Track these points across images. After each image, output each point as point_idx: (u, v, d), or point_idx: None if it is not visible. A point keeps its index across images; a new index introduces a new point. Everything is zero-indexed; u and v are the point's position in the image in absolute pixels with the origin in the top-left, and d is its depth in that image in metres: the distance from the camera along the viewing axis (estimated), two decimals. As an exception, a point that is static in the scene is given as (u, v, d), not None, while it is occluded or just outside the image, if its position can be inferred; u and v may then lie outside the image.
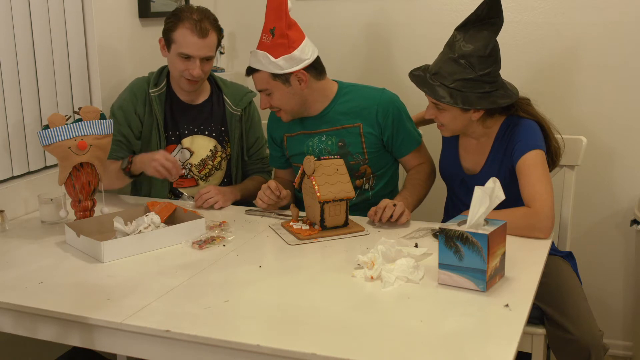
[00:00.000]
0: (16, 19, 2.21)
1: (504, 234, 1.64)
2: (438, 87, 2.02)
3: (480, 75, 1.99)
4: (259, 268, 1.76)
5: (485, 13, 2.01)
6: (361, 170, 2.32)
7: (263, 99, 2.29)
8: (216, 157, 2.49)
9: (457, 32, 2.05)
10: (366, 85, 2.38)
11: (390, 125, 2.28)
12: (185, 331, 1.42)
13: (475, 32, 2.01)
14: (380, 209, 2.06)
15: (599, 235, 2.82)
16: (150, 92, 2.41)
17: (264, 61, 2.20)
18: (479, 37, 2.00)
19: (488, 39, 2.00)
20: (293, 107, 2.28)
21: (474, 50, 1.99)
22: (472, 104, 2.00)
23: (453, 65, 2.01)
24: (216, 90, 2.53)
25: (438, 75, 2.03)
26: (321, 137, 2.32)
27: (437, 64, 2.06)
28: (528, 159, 2.00)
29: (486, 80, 2.00)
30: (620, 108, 2.70)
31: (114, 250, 1.82)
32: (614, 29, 2.65)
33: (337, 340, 1.37)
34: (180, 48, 2.29)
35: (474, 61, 1.99)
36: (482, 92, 2.00)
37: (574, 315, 1.96)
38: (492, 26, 2.02)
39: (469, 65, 1.99)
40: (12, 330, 1.63)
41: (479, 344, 1.36)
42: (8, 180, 2.25)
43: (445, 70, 2.02)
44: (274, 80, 2.22)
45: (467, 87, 1.99)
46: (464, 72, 1.99)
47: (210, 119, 2.48)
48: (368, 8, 2.98)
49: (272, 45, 2.19)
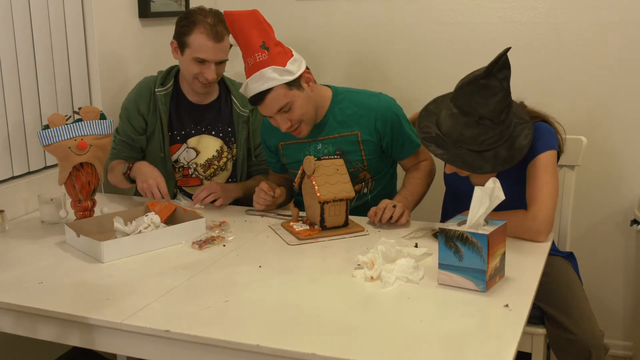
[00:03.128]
0: (16, 19, 2.21)
1: (504, 234, 1.64)
2: (471, 158, 1.92)
3: (501, 122, 1.89)
4: (259, 268, 1.76)
5: (493, 68, 1.87)
6: (360, 176, 2.30)
7: (282, 119, 2.14)
8: (222, 158, 2.49)
9: (466, 87, 1.89)
10: (361, 90, 2.32)
11: (390, 131, 2.24)
12: (185, 331, 1.42)
13: (486, 84, 1.87)
14: (380, 210, 2.05)
15: (599, 235, 2.82)
16: (155, 91, 2.41)
17: (275, 75, 2.06)
18: (492, 90, 1.86)
19: (502, 88, 1.87)
20: (312, 114, 2.18)
21: (495, 105, 1.86)
22: (514, 161, 1.92)
23: (475, 127, 1.89)
24: (225, 91, 2.52)
25: (462, 142, 1.92)
26: (317, 145, 2.27)
27: (456, 129, 1.92)
28: (540, 160, 1.97)
29: (506, 123, 1.91)
30: (620, 108, 2.70)
31: (114, 250, 1.82)
32: (614, 29, 2.65)
33: (337, 340, 1.37)
34: (196, 53, 2.29)
35: (495, 116, 1.88)
36: (509, 142, 1.92)
37: (575, 315, 1.96)
38: (503, 77, 1.88)
39: (491, 122, 1.88)
40: (12, 330, 1.63)
41: (479, 344, 1.36)
42: (8, 180, 2.25)
43: (468, 134, 1.90)
44: (290, 91, 2.10)
45: (493, 143, 1.90)
46: (490, 130, 1.89)
47: (218, 119, 2.49)
48: (368, 8, 2.98)
49: (273, 56, 2.08)
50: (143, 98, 2.43)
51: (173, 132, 2.45)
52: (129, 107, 2.44)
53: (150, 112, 2.42)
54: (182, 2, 2.93)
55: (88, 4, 2.48)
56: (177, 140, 2.45)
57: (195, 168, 2.47)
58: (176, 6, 2.87)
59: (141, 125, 2.43)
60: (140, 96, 2.43)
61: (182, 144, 2.46)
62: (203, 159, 2.47)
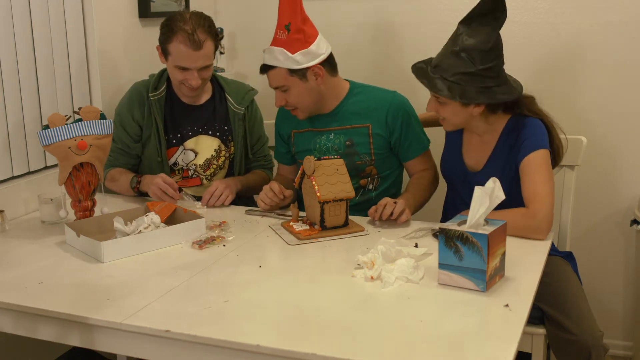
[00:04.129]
0: (16, 19, 2.21)
1: (504, 234, 1.64)
2: (437, 80, 2.01)
3: (481, 69, 1.97)
4: (259, 268, 1.76)
5: (489, 8, 1.99)
6: (367, 170, 2.32)
7: (279, 96, 2.27)
8: (220, 157, 2.49)
9: (460, 26, 2.03)
10: (377, 87, 2.39)
11: (399, 127, 2.28)
12: (185, 331, 1.42)
13: (478, 26, 2.00)
14: (381, 206, 2.06)
15: (599, 235, 2.82)
16: (150, 96, 2.40)
17: (280, 57, 2.19)
18: (481, 31, 1.99)
19: (490, 33, 1.99)
20: (309, 104, 2.27)
21: (476, 44, 1.97)
22: (471, 98, 1.99)
23: (454, 58, 1.99)
24: (218, 89, 2.52)
25: (439, 68, 2.02)
26: (329, 135, 2.32)
27: (438, 57, 2.05)
28: (533, 159, 1.99)
29: (487, 75, 1.98)
30: (620, 108, 2.70)
31: (114, 250, 1.82)
32: (613, 28, 2.65)
33: (337, 340, 1.37)
34: (176, 61, 2.29)
35: (475, 55, 1.97)
36: (482, 87, 1.98)
37: (575, 315, 1.96)
38: (495, 21, 2.00)
39: (469, 59, 1.97)
40: (12, 330, 1.63)
41: (479, 344, 1.36)
42: (8, 180, 2.25)
43: (446, 63, 2.01)
44: (291, 77, 2.21)
45: (466, 81, 1.98)
46: (465, 65, 1.98)
47: (214, 118, 2.48)
48: (369, 8, 2.98)
49: (289, 40, 2.18)
50: (136, 104, 2.41)
51: (169, 136, 2.44)
52: (122, 114, 2.42)
53: (145, 117, 2.40)
54: (182, 2, 2.93)
55: (88, 4, 2.48)
56: (174, 143, 2.44)
57: (194, 169, 2.47)
58: (176, 6, 2.87)
59: (136, 132, 2.42)
60: (133, 102, 2.41)
61: (179, 146, 2.45)
62: (202, 160, 2.47)
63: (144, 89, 2.43)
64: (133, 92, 2.45)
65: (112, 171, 2.43)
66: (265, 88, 2.43)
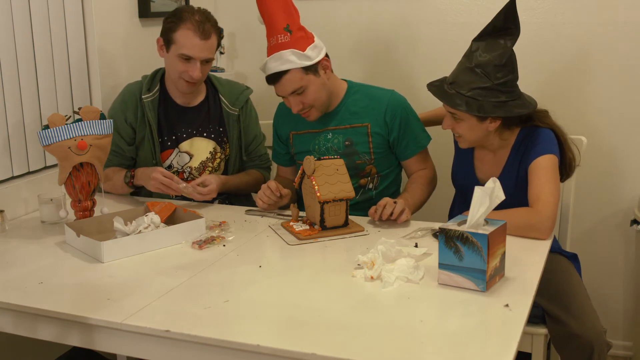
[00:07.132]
0: (16, 19, 2.21)
1: (504, 234, 1.64)
2: (454, 96, 2.02)
3: (497, 84, 1.98)
4: (259, 268, 1.76)
5: (501, 23, 2.02)
6: (367, 170, 2.32)
7: (295, 101, 2.24)
8: (216, 159, 2.48)
9: (474, 43, 2.05)
10: (375, 86, 2.39)
11: (398, 126, 2.28)
12: (185, 331, 1.42)
13: (491, 41, 2.02)
14: (381, 206, 2.06)
15: (599, 235, 2.82)
16: (143, 98, 2.38)
17: (293, 58, 2.17)
18: (495, 46, 2.01)
19: (504, 48, 2.01)
20: (325, 100, 2.27)
21: (490, 59, 1.99)
22: (487, 112, 1.99)
23: (470, 74, 2.01)
24: (212, 90, 2.50)
25: (455, 85, 2.04)
26: (327, 135, 2.32)
27: (454, 74, 2.07)
28: (540, 162, 2.01)
29: (502, 89, 2.00)
30: (620, 108, 2.70)
31: (114, 250, 1.82)
32: (614, 29, 2.65)
33: (337, 340, 1.37)
34: (182, 49, 2.27)
35: (490, 70, 1.99)
36: (498, 101, 1.99)
37: (577, 311, 1.96)
38: (509, 35, 2.02)
39: (485, 74, 1.99)
40: (12, 330, 1.63)
41: (479, 344, 1.36)
42: (8, 180, 2.25)
43: (462, 79, 2.02)
44: (306, 75, 2.20)
45: (483, 96, 1.99)
46: (481, 81, 1.99)
47: (208, 120, 2.47)
48: (368, 9, 2.98)
49: (294, 40, 2.18)
50: (129, 107, 2.39)
51: (163, 138, 2.42)
52: (115, 117, 2.40)
53: (139, 120, 2.38)
54: (182, 2, 2.93)
55: (88, 3, 2.48)
56: (169, 145, 2.43)
57: (190, 172, 2.45)
58: (176, 6, 2.87)
59: (129, 134, 2.40)
60: (126, 105, 2.40)
61: (173, 149, 2.43)
62: (197, 162, 2.45)
63: (136, 90, 2.41)
64: (126, 93, 2.43)
65: (107, 170, 2.42)
66: (263, 88, 2.43)
